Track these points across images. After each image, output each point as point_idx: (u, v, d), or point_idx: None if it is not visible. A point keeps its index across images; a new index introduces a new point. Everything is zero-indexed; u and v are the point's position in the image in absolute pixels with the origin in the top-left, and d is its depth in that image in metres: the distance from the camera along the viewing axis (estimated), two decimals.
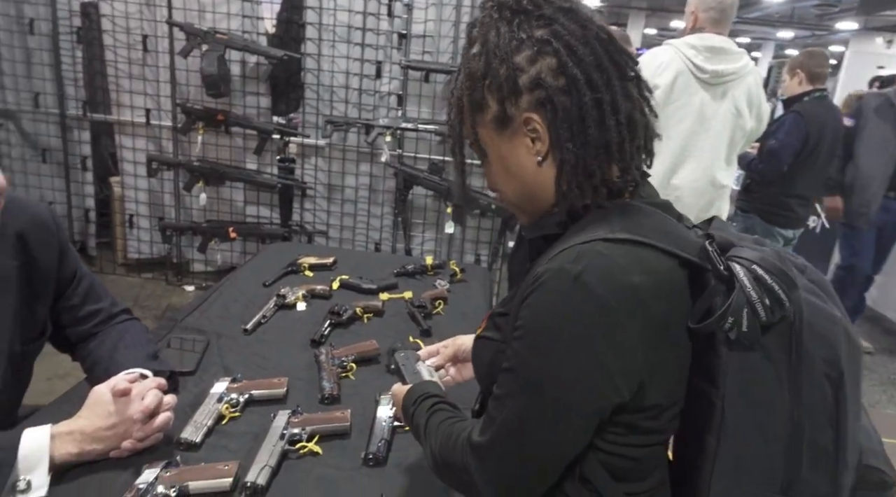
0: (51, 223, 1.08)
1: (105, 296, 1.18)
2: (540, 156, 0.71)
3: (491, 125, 0.72)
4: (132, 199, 3.29)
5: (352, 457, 0.99)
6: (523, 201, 0.76)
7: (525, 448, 0.67)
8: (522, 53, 0.69)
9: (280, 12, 3.14)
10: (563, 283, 0.63)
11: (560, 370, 0.64)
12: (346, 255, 2.01)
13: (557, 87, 0.67)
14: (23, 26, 3.03)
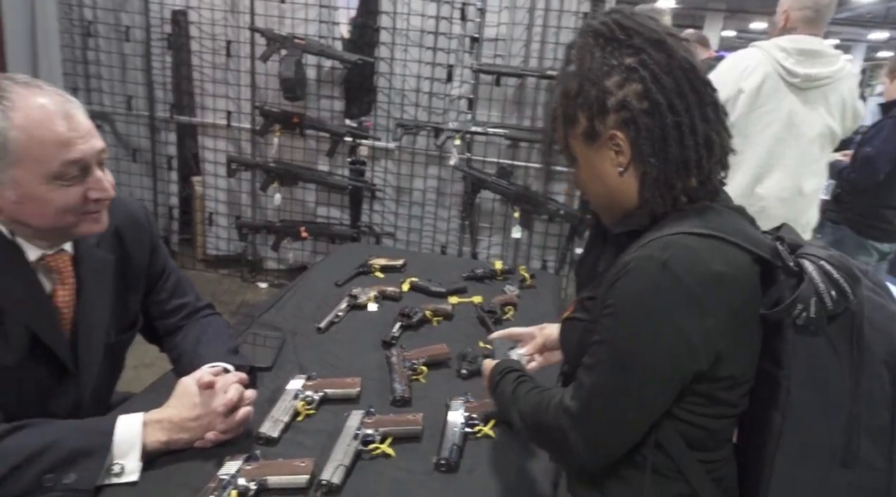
0: (144, 220, 1.14)
1: (190, 291, 1.23)
2: (622, 167, 0.81)
3: (580, 138, 0.83)
4: (212, 198, 3.45)
5: (423, 461, 0.99)
6: (607, 204, 0.86)
7: (612, 410, 0.77)
8: (612, 78, 0.78)
9: (355, 17, 3.21)
10: (652, 268, 0.72)
11: (646, 342, 0.73)
12: (415, 258, 2.02)
13: (641, 109, 0.77)
14: (120, 34, 3.23)
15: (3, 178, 0.86)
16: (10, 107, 0.84)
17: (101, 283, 1.04)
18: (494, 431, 1.07)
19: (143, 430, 0.91)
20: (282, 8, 3.04)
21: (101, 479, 0.85)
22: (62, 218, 0.91)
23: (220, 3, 3.11)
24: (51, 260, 0.96)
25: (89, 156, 0.91)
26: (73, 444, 0.85)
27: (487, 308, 1.57)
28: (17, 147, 0.85)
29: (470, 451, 1.02)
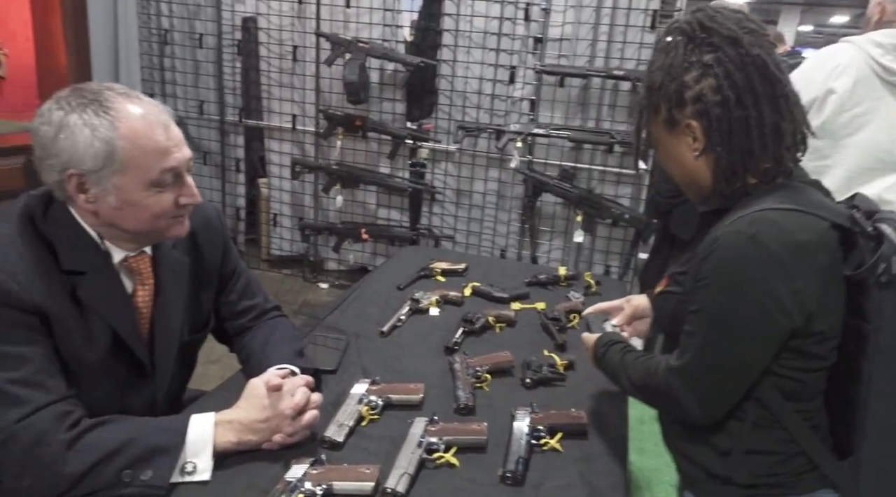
0: (217, 223, 1.17)
1: (259, 292, 1.26)
2: (697, 152, 0.91)
3: (662, 125, 0.94)
4: (277, 200, 3.54)
5: (488, 472, 0.96)
6: (686, 183, 0.97)
7: (717, 371, 0.87)
8: (691, 73, 0.88)
9: (418, 20, 3.22)
10: (741, 241, 0.82)
11: (742, 307, 0.83)
12: (476, 262, 2.00)
13: (714, 102, 0.87)
14: (193, 41, 3.36)
15: (108, 186, 0.89)
16: (115, 117, 0.88)
17: (178, 283, 1.06)
18: (561, 445, 1.03)
19: (215, 430, 0.92)
20: (347, 13, 3.09)
21: (174, 476, 0.87)
22: (156, 222, 0.95)
23: (287, 9, 3.19)
24: (133, 262, 1.00)
25: (182, 163, 0.94)
26: (150, 441, 0.87)
27: (551, 315, 1.53)
28: (123, 156, 0.88)
29: (536, 464, 0.99)
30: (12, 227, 0.90)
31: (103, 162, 0.87)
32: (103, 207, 0.91)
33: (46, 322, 0.89)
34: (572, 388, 1.25)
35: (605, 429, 1.11)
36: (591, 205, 2.90)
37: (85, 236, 0.95)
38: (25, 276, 0.87)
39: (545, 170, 3.01)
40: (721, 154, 0.87)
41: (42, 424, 0.83)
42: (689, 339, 0.88)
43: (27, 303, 0.86)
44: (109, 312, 0.96)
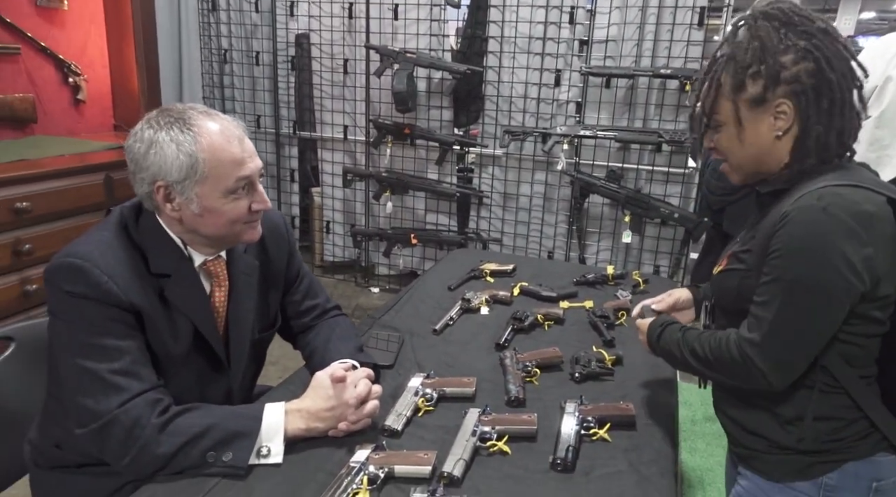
0: (283, 229, 1.26)
1: (321, 293, 1.34)
2: (780, 131, 0.93)
3: (745, 103, 0.94)
4: (329, 207, 3.67)
5: (539, 460, 1.01)
6: (748, 165, 0.99)
7: (794, 335, 0.90)
8: (788, 55, 0.91)
9: (464, 29, 3.29)
10: (814, 213, 0.86)
11: (819, 272, 0.86)
12: (524, 263, 2.04)
13: (811, 84, 0.90)
14: (250, 59, 3.54)
15: (191, 195, 0.99)
16: (197, 133, 0.97)
17: (249, 285, 1.16)
18: (609, 435, 1.07)
19: (286, 418, 1.00)
20: (395, 25, 3.19)
21: (251, 458, 0.96)
22: (232, 227, 1.04)
23: (338, 24, 3.32)
24: (210, 265, 1.10)
25: (254, 173, 1.03)
26: (230, 426, 0.96)
27: (599, 313, 1.56)
28: (204, 167, 0.98)
29: (585, 452, 1.03)
30: (111, 234, 1.01)
31: (187, 173, 0.97)
32: (186, 215, 1.01)
33: (140, 319, 0.99)
34: (620, 382, 1.28)
35: (653, 421, 1.13)
36: (639, 205, 2.89)
37: (170, 242, 1.05)
38: (122, 278, 0.97)
39: (592, 171, 3.03)
40: (819, 131, 0.91)
41: (138, 410, 0.93)
42: (763, 309, 0.91)
43: (125, 302, 0.96)
44: (192, 311, 1.05)
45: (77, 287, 0.94)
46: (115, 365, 0.94)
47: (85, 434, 0.94)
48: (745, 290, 0.95)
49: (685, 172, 2.92)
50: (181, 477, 0.94)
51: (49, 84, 2.59)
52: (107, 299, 0.95)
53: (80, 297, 0.94)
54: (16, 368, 1.22)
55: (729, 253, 1.03)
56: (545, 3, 2.92)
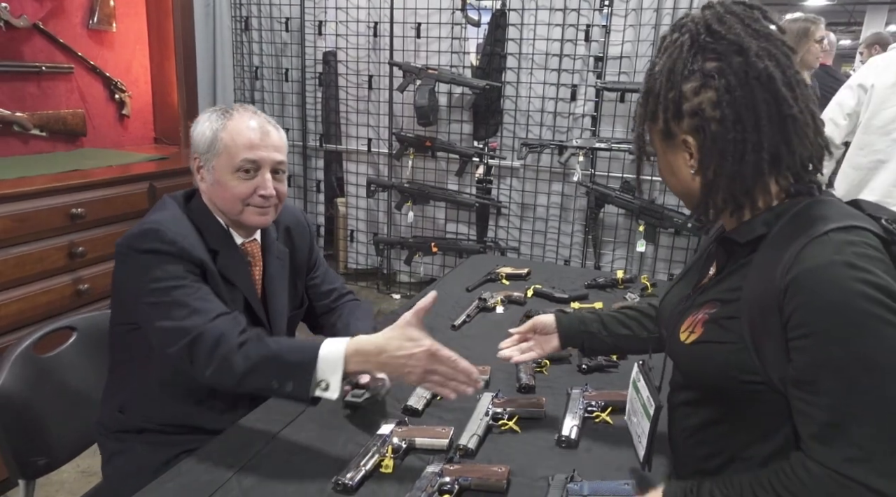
0: (305, 223, 1.44)
1: (336, 279, 1.51)
2: (693, 169, 0.84)
3: (658, 135, 0.87)
4: (353, 217, 3.82)
5: (546, 438, 1.12)
6: (683, 196, 0.90)
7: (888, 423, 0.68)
8: (690, 83, 0.80)
9: (484, 46, 3.43)
10: (840, 273, 0.70)
11: (880, 340, 0.68)
12: (539, 267, 2.15)
13: (712, 118, 0.78)
14: (280, 75, 3.73)
15: (210, 166, 1.18)
16: (228, 118, 1.18)
17: (281, 268, 1.32)
18: (611, 418, 1.17)
19: (345, 358, 1.01)
20: (417, 42, 3.35)
21: (314, 390, 1.01)
22: (235, 204, 1.19)
23: (363, 42, 3.49)
24: (248, 246, 1.26)
25: (264, 160, 1.18)
26: (290, 358, 1.01)
27: None
28: (221, 144, 1.16)
29: (588, 432, 1.14)
30: (171, 212, 1.18)
31: (209, 147, 1.17)
32: (207, 185, 1.19)
33: (205, 277, 1.14)
34: (625, 374, 1.37)
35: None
36: (653, 215, 2.98)
37: (216, 222, 1.21)
38: (190, 241, 1.13)
39: (607, 182, 3.13)
40: (709, 176, 0.80)
41: (223, 326, 1.05)
42: (836, 414, 0.70)
43: (196, 258, 1.13)
44: (242, 284, 1.21)
45: (155, 244, 1.09)
46: (196, 294, 1.09)
47: (177, 350, 1.04)
48: (736, 367, 0.80)
49: None
50: (224, 449, 1.07)
51: (98, 100, 2.79)
52: (182, 254, 1.11)
53: (158, 253, 1.09)
54: (79, 354, 1.37)
55: (702, 317, 0.86)
56: (561, 21, 3.05)
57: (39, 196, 2.03)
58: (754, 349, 0.78)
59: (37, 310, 2.02)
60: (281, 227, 1.35)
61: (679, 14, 2.88)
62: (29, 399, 1.23)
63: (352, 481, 0.95)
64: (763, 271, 0.77)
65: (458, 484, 0.96)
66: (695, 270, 1.01)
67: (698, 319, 0.87)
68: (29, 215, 1.99)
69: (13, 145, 2.47)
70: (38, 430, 1.25)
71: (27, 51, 2.48)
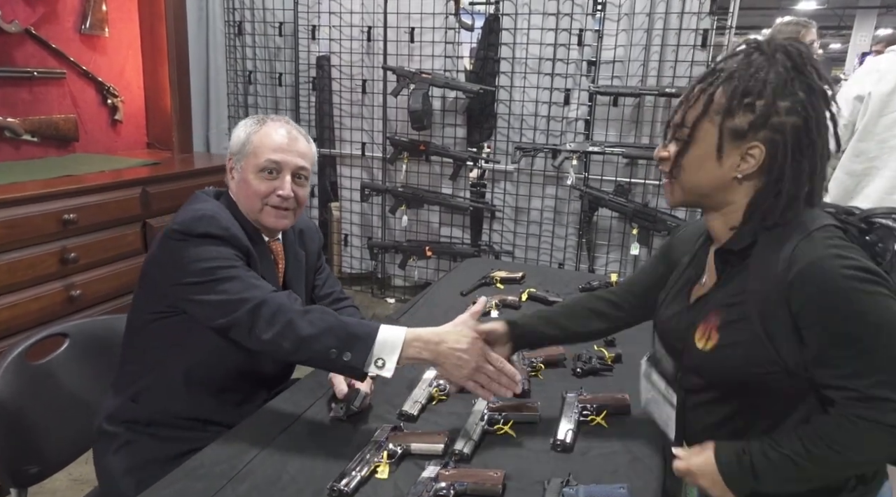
0: (314, 228, 1.51)
1: (336, 285, 1.55)
2: (741, 175, 0.91)
3: (727, 131, 0.90)
4: (347, 221, 3.81)
5: (541, 442, 1.11)
6: (696, 192, 0.95)
7: None
8: (785, 102, 0.87)
9: (477, 50, 3.44)
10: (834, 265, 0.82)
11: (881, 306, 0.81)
12: (533, 271, 2.16)
13: (791, 140, 0.87)
14: (274, 80, 3.72)
15: (239, 166, 1.26)
16: (262, 124, 1.27)
17: (299, 268, 1.39)
18: (606, 421, 1.17)
19: (405, 344, 1.05)
20: (411, 47, 3.35)
21: (370, 368, 1.03)
22: (255, 202, 1.24)
23: (357, 46, 3.49)
24: (272, 244, 1.31)
25: (287, 163, 1.24)
26: (351, 330, 1.05)
27: None
28: (251, 145, 1.24)
29: (583, 436, 1.14)
30: (216, 204, 1.23)
31: (240, 148, 1.25)
32: (234, 184, 1.27)
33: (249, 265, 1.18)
34: (619, 378, 1.38)
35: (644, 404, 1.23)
36: (646, 218, 3.00)
37: (245, 219, 1.26)
38: (238, 231, 1.19)
39: (601, 185, 3.14)
40: (786, 191, 0.88)
41: (281, 298, 1.09)
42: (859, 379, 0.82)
43: (244, 245, 1.18)
44: (269, 277, 1.23)
45: (211, 228, 1.15)
46: (249, 274, 1.13)
47: (236, 317, 1.07)
48: (757, 362, 0.89)
49: None
50: (219, 456, 1.06)
51: (90, 105, 2.78)
52: (233, 240, 1.16)
53: (212, 237, 1.14)
54: (71, 361, 1.36)
55: (714, 324, 0.95)
56: (555, 25, 3.07)
57: (31, 202, 2.02)
58: (769, 341, 0.88)
59: (28, 316, 2.01)
60: (296, 230, 1.41)
61: (672, 19, 2.90)
62: (20, 407, 1.22)
63: (347, 487, 0.95)
64: (763, 272, 0.88)
65: (453, 489, 0.96)
66: (684, 284, 1.09)
67: (710, 326, 0.96)
68: (20, 221, 1.98)
69: (4, 151, 2.46)
70: (29, 438, 1.24)
71: (19, 56, 2.47)
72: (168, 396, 1.23)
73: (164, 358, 1.22)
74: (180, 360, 1.21)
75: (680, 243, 1.18)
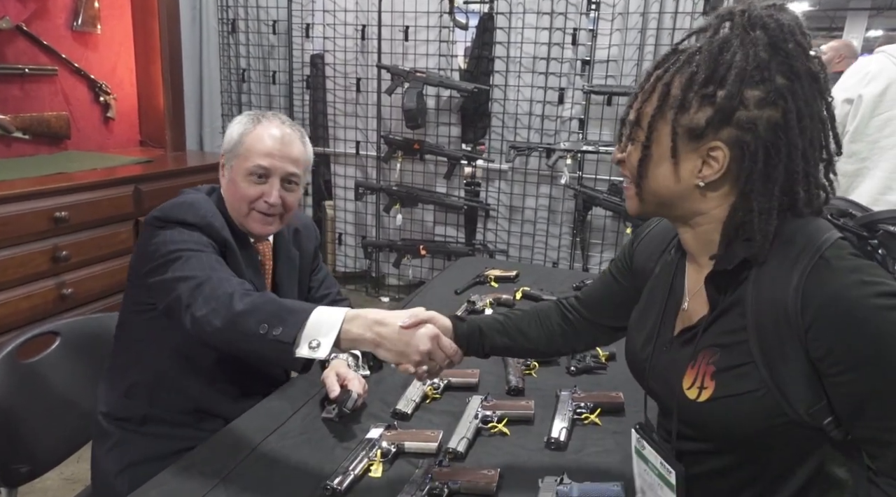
0: (313, 229, 1.49)
1: (333, 285, 1.53)
2: (702, 182, 0.74)
3: (681, 130, 0.73)
4: (341, 220, 3.80)
5: (535, 440, 1.11)
6: (653, 199, 0.79)
7: None
8: (755, 91, 0.69)
9: (472, 49, 3.44)
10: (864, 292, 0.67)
11: None
12: (528, 269, 2.16)
13: (765, 139, 0.69)
14: (267, 78, 3.71)
15: (230, 165, 1.23)
16: (257, 123, 1.22)
17: (291, 269, 1.36)
18: (600, 419, 1.17)
19: (346, 321, 0.94)
20: (405, 45, 3.35)
21: (303, 349, 0.92)
22: (242, 206, 1.22)
23: (351, 45, 3.48)
24: (259, 246, 1.30)
25: (276, 169, 1.21)
26: (285, 305, 0.97)
27: None
28: (243, 146, 1.21)
29: (577, 434, 1.14)
30: (204, 196, 1.22)
31: (233, 147, 1.22)
32: (225, 181, 1.24)
33: (225, 257, 1.16)
34: (613, 376, 1.38)
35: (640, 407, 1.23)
36: (640, 217, 3.00)
37: (230, 219, 1.24)
38: (221, 223, 1.18)
39: (595, 185, 3.14)
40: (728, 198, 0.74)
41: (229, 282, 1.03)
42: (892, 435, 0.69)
43: (220, 236, 1.16)
44: (251, 278, 1.21)
45: (187, 216, 1.14)
46: (213, 260, 1.10)
47: (178, 295, 1.03)
48: (764, 414, 0.73)
49: None
50: (210, 456, 1.06)
51: (82, 103, 2.76)
52: (209, 229, 1.15)
53: (187, 224, 1.13)
54: (63, 359, 1.35)
55: (708, 369, 0.77)
56: (549, 25, 3.07)
57: (22, 199, 2.01)
58: (779, 390, 0.72)
59: (19, 314, 2.00)
60: (291, 229, 1.39)
61: (666, 19, 2.91)
62: (11, 405, 1.21)
63: (340, 486, 0.94)
64: (768, 306, 0.72)
65: (447, 487, 0.95)
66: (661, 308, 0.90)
67: (702, 372, 0.78)
68: (11, 219, 1.96)
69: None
70: (20, 437, 1.23)
71: (10, 52, 2.45)
72: (162, 389, 1.22)
73: (152, 351, 1.21)
74: (167, 352, 1.20)
75: (645, 249, 0.99)
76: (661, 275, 0.93)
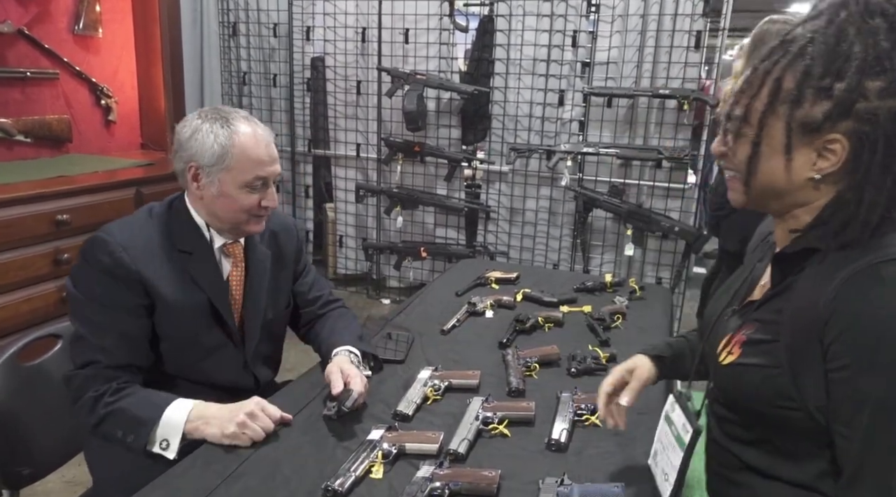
0: (293, 228, 1.45)
1: (325, 287, 1.52)
2: (819, 175, 0.72)
3: (797, 122, 0.71)
4: (342, 222, 3.81)
5: (536, 441, 1.12)
6: (764, 193, 0.77)
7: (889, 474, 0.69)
8: (877, 82, 0.67)
9: (472, 51, 3.45)
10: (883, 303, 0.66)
11: None
12: (528, 271, 2.16)
13: (886, 131, 0.67)
14: (268, 81, 3.72)
15: (214, 179, 1.18)
16: (233, 132, 1.17)
17: (263, 270, 1.33)
18: (600, 421, 1.17)
19: (188, 423, 1.08)
20: (406, 48, 3.35)
21: (155, 447, 1.07)
22: (240, 215, 1.21)
23: (352, 48, 3.49)
24: (229, 247, 1.28)
25: (271, 175, 1.22)
26: (135, 413, 1.08)
27: (597, 316, 1.67)
28: (232, 159, 1.17)
29: (578, 435, 1.14)
30: (142, 215, 1.22)
31: (217, 161, 1.16)
32: (207, 195, 1.20)
33: (146, 289, 1.15)
34: None
35: (641, 409, 1.24)
36: (640, 219, 3.01)
37: (194, 224, 1.23)
38: (137, 249, 1.15)
39: (595, 186, 3.15)
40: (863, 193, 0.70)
41: (91, 379, 1.11)
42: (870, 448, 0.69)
43: (133, 272, 1.14)
44: (208, 286, 1.22)
45: (94, 256, 1.14)
46: (100, 338, 1.12)
47: (65, 375, 1.15)
48: (772, 391, 0.75)
49: (684, 188, 3.04)
50: (211, 457, 1.06)
51: (84, 106, 2.77)
52: (116, 269, 1.13)
53: (94, 267, 1.13)
54: (64, 362, 1.34)
55: (740, 338, 0.81)
56: (549, 27, 3.07)
57: (24, 202, 2.01)
58: (792, 375, 0.73)
59: (21, 317, 2.00)
60: (267, 231, 1.36)
61: (666, 21, 2.91)
62: (13, 408, 1.22)
63: (341, 487, 0.95)
64: (809, 295, 0.72)
65: (448, 489, 0.96)
66: (741, 284, 0.93)
67: (736, 339, 0.82)
68: (13, 222, 1.97)
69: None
70: (22, 439, 1.23)
71: (11, 56, 2.46)
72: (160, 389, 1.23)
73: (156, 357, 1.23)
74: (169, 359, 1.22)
75: (757, 236, 0.99)
76: (756, 251, 0.95)
